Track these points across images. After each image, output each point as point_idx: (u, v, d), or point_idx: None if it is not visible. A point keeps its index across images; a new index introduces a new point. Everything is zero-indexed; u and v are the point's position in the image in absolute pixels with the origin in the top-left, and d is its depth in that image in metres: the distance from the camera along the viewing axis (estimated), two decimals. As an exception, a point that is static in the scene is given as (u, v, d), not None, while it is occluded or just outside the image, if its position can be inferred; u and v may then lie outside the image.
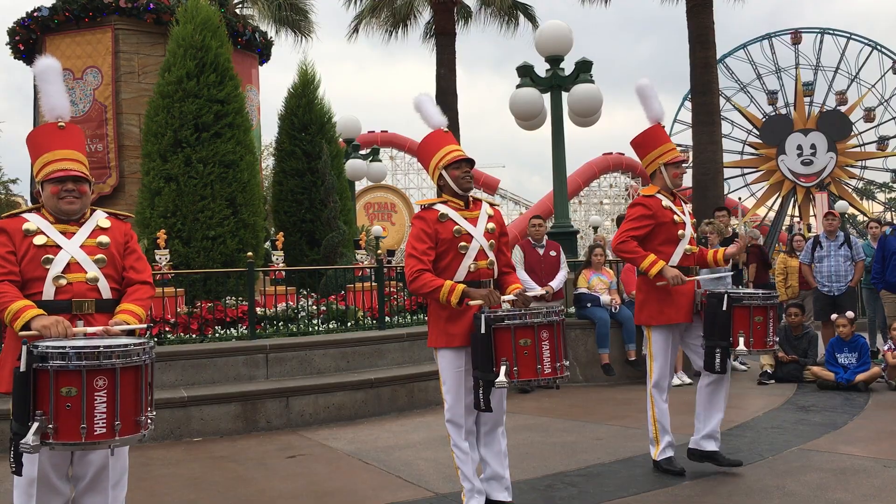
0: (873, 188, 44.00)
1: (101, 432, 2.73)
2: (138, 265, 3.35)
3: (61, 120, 3.27)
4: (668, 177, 4.88)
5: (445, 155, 4.03)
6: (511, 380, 3.62)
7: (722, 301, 4.58)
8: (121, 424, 2.75)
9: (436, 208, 3.99)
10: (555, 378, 3.70)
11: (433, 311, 4.02)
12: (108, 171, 9.97)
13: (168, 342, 7.36)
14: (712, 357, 4.64)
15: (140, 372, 2.85)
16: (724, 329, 4.59)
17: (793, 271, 10.87)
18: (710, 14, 16.86)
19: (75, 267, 3.14)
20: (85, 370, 2.72)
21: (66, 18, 10.08)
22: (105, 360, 2.75)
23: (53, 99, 3.29)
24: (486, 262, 3.99)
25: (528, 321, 3.66)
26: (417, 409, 7.40)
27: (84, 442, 2.71)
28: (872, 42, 41.49)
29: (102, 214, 3.35)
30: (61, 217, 3.22)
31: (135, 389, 2.82)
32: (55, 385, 2.70)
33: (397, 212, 42.69)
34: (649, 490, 4.53)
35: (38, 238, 3.13)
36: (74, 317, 3.11)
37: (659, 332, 4.84)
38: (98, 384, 2.73)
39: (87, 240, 3.21)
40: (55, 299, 3.08)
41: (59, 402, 2.70)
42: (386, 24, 22.81)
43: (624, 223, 4.88)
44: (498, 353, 3.66)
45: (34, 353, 2.72)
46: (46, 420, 2.68)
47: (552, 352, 3.67)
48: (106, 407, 2.74)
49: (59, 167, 3.18)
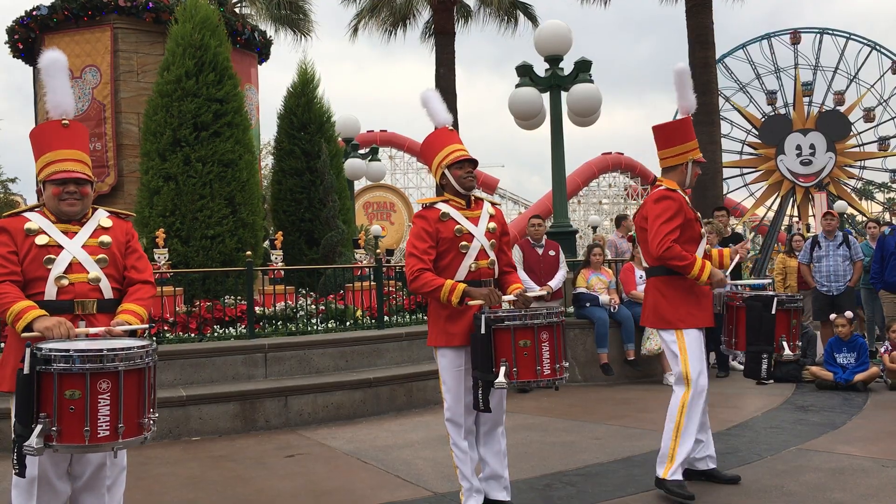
0: (872, 188, 44.03)
1: (105, 435, 2.73)
2: (139, 264, 3.34)
3: (66, 117, 3.25)
4: (691, 174, 4.56)
5: (449, 154, 4.01)
6: (510, 381, 3.61)
7: (769, 305, 4.37)
8: (124, 427, 2.76)
9: (437, 207, 3.97)
10: (554, 380, 3.69)
11: (433, 310, 4.01)
12: (107, 170, 9.97)
13: (167, 341, 7.36)
14: (758, 363, 4.38)
15: (143, 374, 2.85)
16: (768, 334, 4.37)
17: (791, 271, 10.88)
18: (709, 14, 16.87)
19: (77, 267, 3.13)
20: (89, 373, 2.72)
21: (65, 17, 10.10)
22: (108, 363, 2.75)
23: (59, 95, 3.27)
24: (487, 261, 3.97)
25: (527, 322, 3.64)
26: (416, 408, 7.40)
27: (87, 445, 2.71)
28: (871, 42, 41.53)
29: (104, 214, 3.34)
30: (63, 217, 3.21)
31: (138, 392, 2.83)
32: (59, 388, 2.70)
33: (396, 211, 42.68)
34: (648, 490, 4.52)
35: (40, 238, 3.13)
36: (76, 317, 3.10)
37: (692, 335, 4.40)
38: (101, 387, 2.73)
39: (88, 239, 3.21)
40: (57, 299, 3.07)
41: (62, 404, 2.70)
42: (385, 24, 22.84)
43: (658, 223, 4.31)
44: (497, 353, 3.65)
45: (38, 356, 2.72)
46: (50, 422, 2.69)
47: (552, 353, 3.66)
48: (109, 409, 2.74)
49: (62, 168, 3.17)
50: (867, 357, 8.10)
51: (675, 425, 4.33)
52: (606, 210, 45.71)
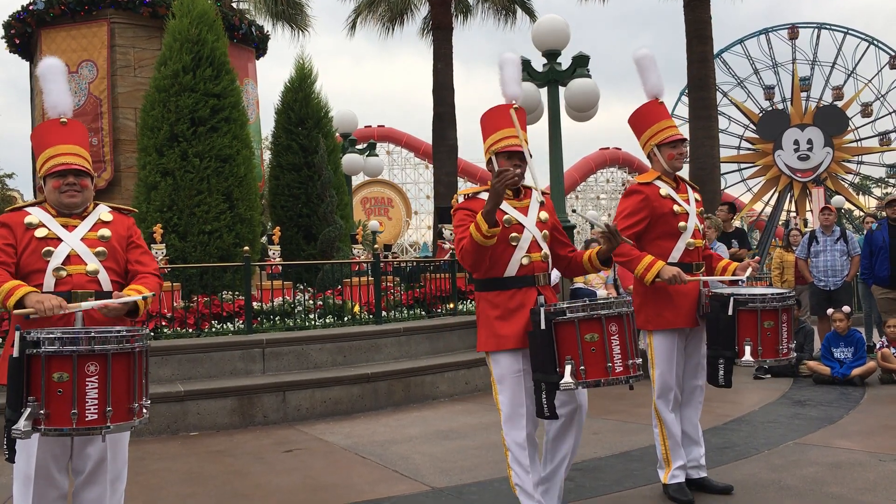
0: (869, 183, 44.09)
1: (93, 418, 2.71)
2: (144, 259, 3.34)
3: (64, 117, 3.29)
4: (663, 159, 4.24)
5: (500, 140, 3.64)
6: (578, 380, 3.23)
7: (726, 305, 3.97)
8: (112, 411, 2.73)
9: (481, 197, 3.60)
10: (628, 377, 3.28)
11: (481, 310, 3.64)
12: (103, 165, 9.95)
13: (164, 337, 7.35)
14: (715, 368, 4.05)
15: (133, 359, 2.84)
16: (727, 337, 3.98)
17: (789, 266, 10.88)
18: (707, 9, 16.86)
19: (75, 259, 3.14)
20: (76, 355, 2.71)
21: (62, 12, 10.06)
22: (97, 346, 2.74)
23: (55, 97, 3.31)
24: (540, 254, 3.62)
25: (593, 313, 3.26)
26: (414, 403, 7.41)
27: (75, 428, 2.70)
28: (869, 37, 41.51)
29: (105, 208, 3.36)
30: (63, 211, 3.23)
31: (128, 376, 2.81)
32: (47, 370, 2.70)
33: (394, 206, 42.71)
34: (646, 484, 4.53)
35: (40, 231, 3.15)
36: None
37: (660, 337, 4.21)
38: (89, 370, 2.72)
39: (88, 233, 3.22)
40: (55, 291, 3.07)
41: (50, 387, 2.69)
42: (383, 19, 22.83)
43: (616, 219, 4.22)
44: (561, 350, 3.27)
45: (27, 339, 2.72)
46: (38, 406, 2.68)
47: (622, 347, 3.28)
48: (97, 393, 2.72)
49: (61, 161, 3.21)
50: (864, 352, 8.12)
51: (658, 430, 4.30)
52: (604, 205, 45.76)
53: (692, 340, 4.32)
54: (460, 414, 6.95)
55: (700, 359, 4.31)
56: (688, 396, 4.36)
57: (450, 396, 7.73)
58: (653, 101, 4.35)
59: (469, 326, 8.52)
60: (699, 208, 4.36)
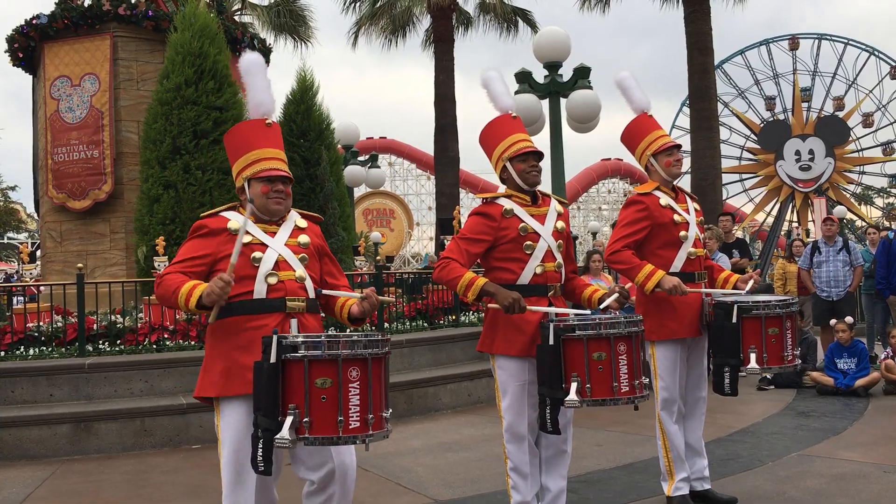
0: (871, 193, 44.06)
1: (356, 426, 2.60)
2: (335, 270, 3.29)
3: (267, 116, 3.18)
4: (660, 168, 4.24)
5: (511, 145, 3.60)
6: (583, 398, 3.23)
7: (730, 312, 3.97)
8: (373, 418, 2.63)
9: (499, 203, 3.57)
10: (634, 398, 3.28)
11: (492, 311, 3.58)
12: (104, 178, 9.96)
13: (167, 349, 7.34)
14: (721, 377, 4.03)
15: (383, 363, 2.73)
16: (732, 345, 3.97)
17: (791, 276, 10.87)
18: (708, 20, 16.94)
19: (284, 265, 3.04)
20: (341, 359, 2.60)
21: (65, 26, 10.10)
22: (359, 350, 2.63)
23: (260, 94, 3.17)
24: (554, 264, 3.59)
25: (602, 332, 3.24)
26: (416, 415, 7.39)
27: (341, 436, 2.59)
28: (870, 47, 41.57)
29: (297, 214, 3.27)
30: (264, 217, 3.13)
31: (381, 381, 2.71)
32: (309, 376, 2.58)
33: (396, 218, 42.73)
34: (649, 496, 4.51)
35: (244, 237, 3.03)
36: (287, 315, 2.98)
37: (663, 348, 4.19)
38: (352, 375, 2.62)
39: (288, 239, 3.13)
40: (267, 297, 2.97)
41: (313, 393, 2.58)
42: (385, 31, 22.92)
43: (617, 228, 4.27)
44: (568, 367, 3.27)
45: (284, 344, 2.61)
46: (300, 414, 2.56)
47: (630, 367, 3.27)
48: (359, 399, 2.62)
49: (272, 167, 3.10)
50: (868, 362, 8.10)
51: (661, 442, 4.27)
52: (606, 216, 45.77)
53: (694, 352, 4.31)
54: (463, 426, 6.93)
55: (702, 370, 4.30)
56: (691, 408, 4.35)
57: (452, 408, 7.70)
58: (641, 114, 4.36)
59: (472, 338, 8.50)
60: (699, 217, 4.36)
